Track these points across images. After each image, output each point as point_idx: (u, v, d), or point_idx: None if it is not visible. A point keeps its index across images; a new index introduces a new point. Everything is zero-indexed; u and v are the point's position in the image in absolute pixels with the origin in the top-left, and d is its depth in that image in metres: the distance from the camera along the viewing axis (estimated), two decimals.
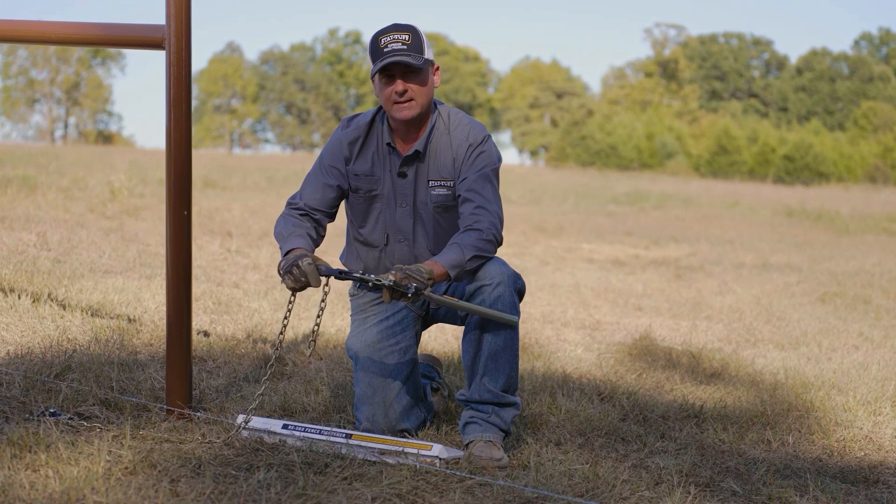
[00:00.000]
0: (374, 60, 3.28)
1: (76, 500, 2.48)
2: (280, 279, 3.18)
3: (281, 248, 3.28)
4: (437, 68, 3.39)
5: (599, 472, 3.11)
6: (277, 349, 3.30)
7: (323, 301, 3.19)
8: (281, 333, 3.29)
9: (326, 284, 3.16)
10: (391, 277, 2.98)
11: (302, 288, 3.09)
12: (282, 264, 3.15)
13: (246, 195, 15.74)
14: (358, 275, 3.06)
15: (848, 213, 22.05)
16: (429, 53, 3.31)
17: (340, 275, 3.10)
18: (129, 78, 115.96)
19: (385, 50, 3.24)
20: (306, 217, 3.40)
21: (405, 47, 3.24)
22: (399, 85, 3.27)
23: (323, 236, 3.44)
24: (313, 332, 3.28)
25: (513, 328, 3.29)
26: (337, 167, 3.42)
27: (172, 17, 3.22)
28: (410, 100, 3.28)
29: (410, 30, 3.28)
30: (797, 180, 48.65)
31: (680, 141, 61.20)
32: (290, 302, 3.24)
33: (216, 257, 8.10)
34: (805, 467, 3.41)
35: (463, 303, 3.16)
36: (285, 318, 3.26)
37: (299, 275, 3.07)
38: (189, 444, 3.04)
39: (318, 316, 3.24)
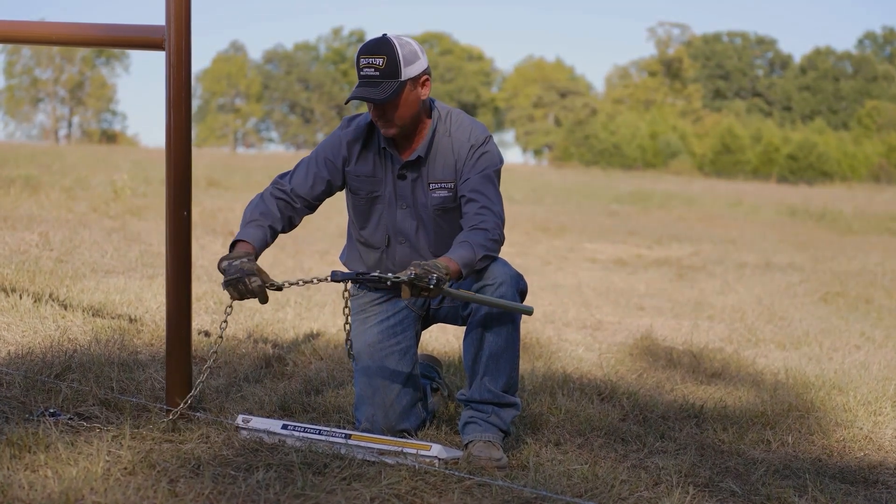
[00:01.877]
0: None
1: (75, 501, 2.49)
2: (220, 272, 3.17)
3: (239, 230, 3.29)
4: (426, 79, 3.31)
5: (598, 473, 3.11)
6: (215, 351, 3.34)
7: (346, 306, 3.21)
8: (219, 337, 3.34)
9: (346, 289, 3.23)
10: (411, 271, 2.98)
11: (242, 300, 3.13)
12: (224, 265, 3.12)
13: (249, 195, 15.68)
14: (376, 274, 3.05)
15: (851, 212, 22.03)
16: (410, 71, 3.24)
17: (358, 276, 3.10)
18: (132, 77, 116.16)
19: (360, 74, 3.24)
20: (285, 203, 3.37)
21: (377, 74, 3.21)
22: (373, 111, 3.28)
23: (295, 225, 3.42)
24: (347, 339, 3.28)
25: (515, 329, 3.30)
26: (334, 162, 3.41)
27: (172, 17, 3.22)
28: (388, 121, 3.28)
29: (386, 52, 3.21)
30: (801, 180, 48.60)
31: (683, 140, 61.15)
32: (229, 307, 3.26)
33: (218, 257, 8.09)
34: (804, 467, 3.41)
35: (479, 296, 3.17)
36: (223, 323, 3.31)
37: (245, 292, 3.08)
38: (188, 444, 3.04)
39: (347, 322, 3.26)
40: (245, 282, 3.06)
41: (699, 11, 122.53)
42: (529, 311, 3.24)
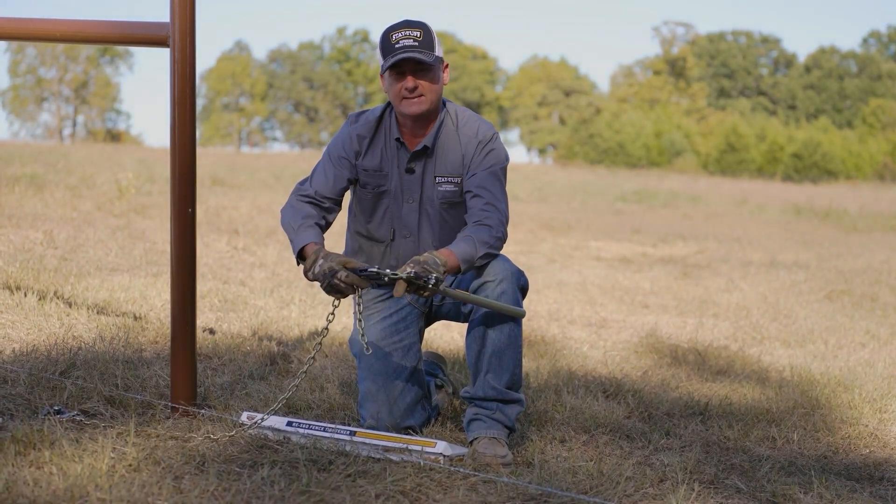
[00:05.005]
0: (385, 56, 3.27)
1: (80, 497, 2.49)
2: (312, 280, 3.15)
3: (292, 241, 3.25)
4: (447, 66, 3.39)
5: (604, 469, 3.10)
6: (314, 357, 3.32)
7: (356, 303, 3.20)
8: (323, 334, 3.31)
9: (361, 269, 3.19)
10: (409, 269, 2.97)
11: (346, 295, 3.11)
12: (309, 276, 3.13)
13: (254, 193, 15.74)
14: (374, 270, 3.04)
15: (856, 210, 22.00)
16: (439, 51, 3.31)
17: (357, 272, 3.09)
18: (137, 76, 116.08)
19: (397, 46, 3.25)
20: (315, 205, 3.37)
21: (416, 44, 3.24)
22: (409, 81, 3.27)
23: (331, 223, 3.42)
24: (359, 321, 3.26)
25: (517, 325, 3.29)
26: (347, 158, 3.42)
27: (177, 14, 3.22)
28: (420, 95, 3.29)
29: (422, 26, 3.28)
30: (805, 178, 48.57)
31: (688, 139, 61.14)
32: (333, 307, 3.22)
33: (223, 255, 8.11)
34: (810, 464, 3.40)
35: (473, 296, 3.16)
36: (327, 324, 3.29)
37: (345, 289, 3.07)
38: (193, 441, 3.04)
39: (360, 311, 3.24)
40: (340, 279, 3.06)
41: (703, 10, 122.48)
42: (522, 314, 3.25)
